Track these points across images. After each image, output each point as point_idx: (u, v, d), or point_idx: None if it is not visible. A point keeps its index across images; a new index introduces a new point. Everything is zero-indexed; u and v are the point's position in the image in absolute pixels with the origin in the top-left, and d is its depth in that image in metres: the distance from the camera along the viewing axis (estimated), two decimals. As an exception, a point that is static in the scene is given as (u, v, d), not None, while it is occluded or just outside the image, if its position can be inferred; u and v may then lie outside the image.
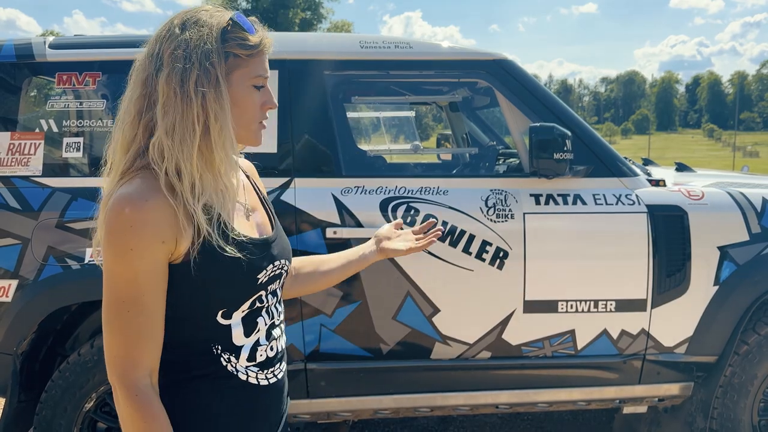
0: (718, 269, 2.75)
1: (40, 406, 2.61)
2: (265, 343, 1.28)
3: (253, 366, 1.26)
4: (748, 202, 2.82)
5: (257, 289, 1.24)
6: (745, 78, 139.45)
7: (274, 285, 1.31)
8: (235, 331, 1.22)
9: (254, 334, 1.26)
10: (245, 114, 1.24)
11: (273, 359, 1.31)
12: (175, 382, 1.21)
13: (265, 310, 1.29)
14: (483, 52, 2.89)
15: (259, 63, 1.25)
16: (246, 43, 1.21)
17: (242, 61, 1.22)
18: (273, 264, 1.28)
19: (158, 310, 1.15)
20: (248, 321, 1.25)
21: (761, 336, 2.80)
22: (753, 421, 2.85)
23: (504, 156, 3.68)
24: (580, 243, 2.72)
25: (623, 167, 2.84)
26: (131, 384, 1.13)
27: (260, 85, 1.26)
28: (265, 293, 1.28)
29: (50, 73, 2.74)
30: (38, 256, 2.57)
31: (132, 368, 1.13)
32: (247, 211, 1.31)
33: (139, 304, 1.13)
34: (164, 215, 1.12)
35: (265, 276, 1.26)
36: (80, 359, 2.60)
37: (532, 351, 2.76)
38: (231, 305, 1.21)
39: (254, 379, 1.26)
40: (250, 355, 1.25)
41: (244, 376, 1.25)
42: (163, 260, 1.14)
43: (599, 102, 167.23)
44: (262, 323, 1.28)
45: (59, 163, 2.67)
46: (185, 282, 1.16)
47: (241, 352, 1.24)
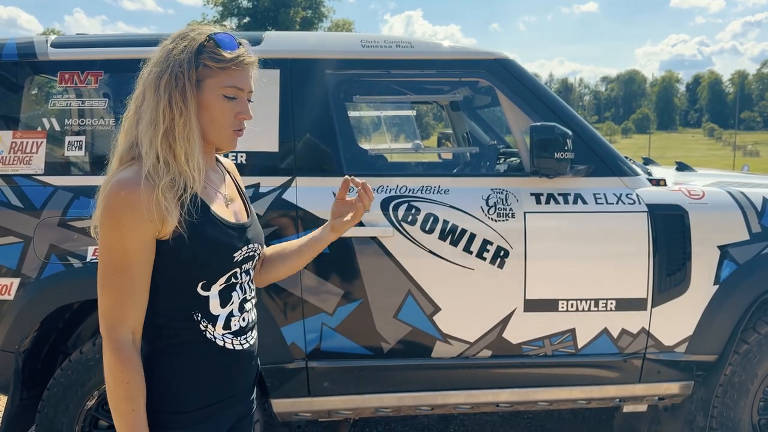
0: (719, 268, 2.76)
1: (42, 404, 2.62)
2: (237, 314, 1.49)
3: (228, 333, 1.47)
4: (748, 201, 2.83)
5: (233, 266, 1.46)
6: (745, 77, 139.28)
7: (248, 265, 1.53)
8: (213, 301, 1.44)
9: (229, 306, 1.47)
10: (215, 119, 1.42)
11: (245, 328, 1.52)
12: (162, 348, 1.42)
13: (239, 286, 1.50)
14: (484, 51, 2.90)
15: (232, 76, 1.41)
16: (216, 57, 1.39)
17: (213, 72, 1.39)
18: (248, 246, 1.50)
19: (143, 279, 1.35)
20: (224, 294, 1.46)
21: (761, 335, 2.81)
22: (753, 419, 2.86)
23: (505, 155, 3.68)
24: (580, 242, 2.73)
25: (624, 166, 2.85)
26: (115, 337, 1.34)
27: (231, 96, 1.42)
28: (240, 271, 1.49)
29: (52, 71, 2.74)
30: (40, 254, 2.58)
31: (117, 324, 1.34)
32: (227, 200, 1.52)
33: (127, 272, 1.33)
34: (153, 199, 1.32)
35: (240, 256, 1.47)
36: (82, 357, 2.61)
37: (533, 350, 2.77)
38: (210, 278, 1.42)
39: (230, 345, 1.48)
40: (225, 324, 1.46)
41: (221, 342, 1.46)
42: (150, 237, 1.34)
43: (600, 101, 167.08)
44: (236, 297, 1.49)
45: (61, 162, 2.68)
46: (171, 256, 1.36)
47: (217, 321, 1.45)
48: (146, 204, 1.31)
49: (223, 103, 1.42)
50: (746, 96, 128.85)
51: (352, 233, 2.61)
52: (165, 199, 1.32)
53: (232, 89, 1.42)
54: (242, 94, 1.44)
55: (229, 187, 1.58)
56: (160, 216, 1.32)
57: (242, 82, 1.43)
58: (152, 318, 1.40)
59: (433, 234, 2.65)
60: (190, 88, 1.37)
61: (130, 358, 1.34)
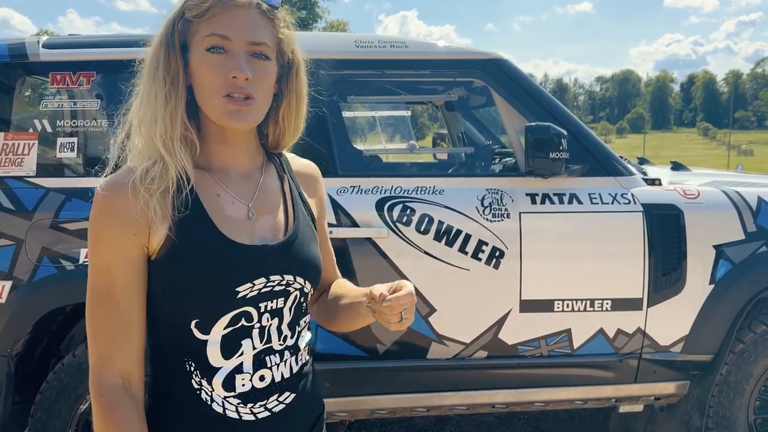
0: (714, 268, 2.76)
1: (35, 408, 2.60)
2: (249, 371, 1.10)
3: (233, 397, 1.09)
4: (743, 200, 2.83)
5: (236, 303, 1.07)
6: (739, 77, 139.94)
7: (273, 303, 1.12)
8: (211, 349, 1.08)
9: (235, 358, 1.09)
10: (202, 86, 1.09)
11: (264, 391, 1.12)
12: (156, 402, 1.13)
13: (258, 331, 1.11)
14: (478, 51, 2.89)
15: (214, 21, 1.06)
16: (192, 3, 1.07)
17: (194, 26, 1.08)
18: (268, 278, 1.10)
19: (132, 309, 1.07)
20: (229, 341, 1.09)
21: (757, 334, 2.81)
22: (749, 419, 2.86)
23: (500, 155, 3.68)
24: (576, 242, 2.72)
25: (619, 166, 2.84)
26: (98, 382, 1.06)
27: (215, 47, 1.07)
28: (256, 311, 1.10)
29: (44, 72, 2.72)
30: (32, 256, 2.56)
31: (102, 366, 1.06)
32: (250, 211, 1.15)
33: (112, 301, 1.05)
34: (135, 204, 1.04)
35: (250, 291, 1.08)
36: (75, 360, 2.59)
37: (529, 350, 2.76)
38: (202, 317, 1.07)
39: (233, 413, 1.10)
40: (226, 383, 1.09)
41: (219, 408, 1.09)
42: (136, 254, 1.06)
43: (594, 101, 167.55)
44: (248, 346, 1.10)
45: (53, 164, 2.66)
46: (158, 281, 1.07)
47: (214, 377, 1.08)
48: (126, 212, 1.04)
49: (207, 60, 1.07)
50: (740, 95, 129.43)
51: (347, 234, 2.60)
52: (145, 201, 1.04)
53: (213, 38, 1.06)
54: (231, 44, 1.07)
55: (268, 195, 1.19)
56: (146, 227, 1.05)
57: (228, 27, 1.06)
58: (150, 359, 1.13)
59: (428, 234, 2.64)
60: (170, 56, 1.08)
61: (115, 407, 1.05)
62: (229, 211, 1.13)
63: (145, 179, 1.05)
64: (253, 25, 1.08)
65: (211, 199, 1.12)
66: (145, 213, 1.04)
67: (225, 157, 1.16)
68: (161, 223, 1.05)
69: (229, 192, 1.14)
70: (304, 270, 1.16)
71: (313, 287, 1.20)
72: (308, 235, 1.21)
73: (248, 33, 1.07)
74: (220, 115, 1.08)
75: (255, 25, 1.09)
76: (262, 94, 1.11)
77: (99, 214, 1.05)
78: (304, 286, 1.16)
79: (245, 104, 1.08)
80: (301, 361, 1.20)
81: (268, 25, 1.11)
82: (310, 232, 1.21)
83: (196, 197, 1.09)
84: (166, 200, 1.07)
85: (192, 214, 1.07)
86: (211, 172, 1.15)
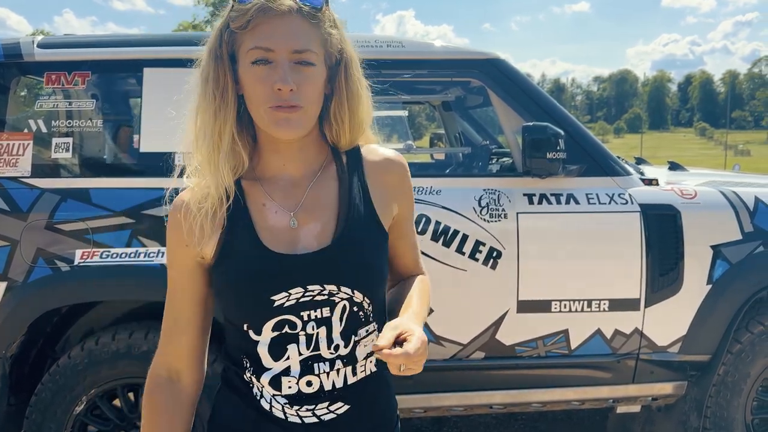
0: (711, 268, 2.75)
1: (30, 410, 2.58)
2: (295, 375, 1.11)
3: (280, 397, 1.12)
4: (740, 201, 2.82)
5: (274, 312, 1.08)
6: (736, 77, 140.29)
7: (317, 312, 1.09)
8: (262, 349, 1.11)
9: (283, 361, 1.11)
10: (250, 97, 1.09)
11: (312, 396, 1.11)
12: (218, 389, 1.21)
13: (305, 338, 1.10)
14: (476, 51, 2.89)
15: (256, 33, 1.06)
16: (236, 13, 1.07)
17: (239, 37, 1.08)
18: (305, 287, 1.09)
19: (184, 311, 1.16)
20: (276, 345, 1.10)
21: (754, 334, 2.80)
22: (746, 419, 2.85)
23: (497, 155, 3.68)
24: (573, 242, 2.72)
25: (616, 166, 2.84)
26: (150, 369, 1.18)
27: (257, 60, 1.06)
28: (299, 320, 1.09)
29: (39, 72, 2.71)
30: (27, 257, 2.54)
31: (156, 355, 1.19)
32: (292, 219, 1.13)
33: (171, 301, 1.17)
34: (186, 222, 1.12)
35: (288, 300, 1.08)
36: (70, 362, 2.57)
37: (526, 351, 2.75)
38: (250, 321, 1.11)
39: (279, 412, 1.12)
40: (273, 382, 1.11)
41: (267, 405, 1.12)
42: (191, 263, 1.14)
43: (592, 101, 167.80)
44: (294, 352, 1.10)
45: (48, 164, 2.64)
46: (213, 286, 1.16)
47: (263, 376, 1.12)
48: (177, 226, 1.13)
49: (253, 72, 1.07)
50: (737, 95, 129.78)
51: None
52: (195, 218, 1.11)
53: (256, 51, 1.05)
54: (274, 55, 1.05)
55: (317, 201, 1.16)
56: (194, 239, 1.11)
57: (270, 38, 1.05)
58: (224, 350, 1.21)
59: (425, 235, 2.63)
60: (219, 67, 1.09)
61: (152, 392, 1.17)
62: (272, 221, 1.13)
63: (198, 198, 1.12)
64: (295, 32, 1.06)
65: (258, 209, 1.13)
66: (197, 231, 1.11)
67: (277, 165, 1.16)
68: (212, 235, 1.11)
69: (274, 201, 1.14)
70: (348, 279, 1.11)
71: (368, 296, 1.14)
72: (361, 242, 1.14)
73: (291, 42, 1.06)
74: (269, 125, 1.08)
75: (298, 32, 1.07)
76: (310, 101, 1.09)
77: (167, 227, 1.17)
78: (353, 296, 1.11)
79: (292, 111, 1.07)
80: (362, 372, 1.15)
81: (312, 28, 1.09)
82: (364, 239, 1.15)
83: (245, 207, 1.13)
84: (215, 216, 1.11)
85: (239, 224, 1.12)
86: (262, 181, 1.16)
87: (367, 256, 1.14)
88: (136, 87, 2.85)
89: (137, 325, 2.62)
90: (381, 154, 1.24)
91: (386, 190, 1.21)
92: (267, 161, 1.16)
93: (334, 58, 1.15)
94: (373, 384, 1.18)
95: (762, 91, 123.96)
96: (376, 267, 1.16)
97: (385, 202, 1.20)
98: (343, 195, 1.16)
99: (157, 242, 2.55)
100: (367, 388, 1.16)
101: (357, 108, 1.19)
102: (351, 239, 1.12)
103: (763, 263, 2.79)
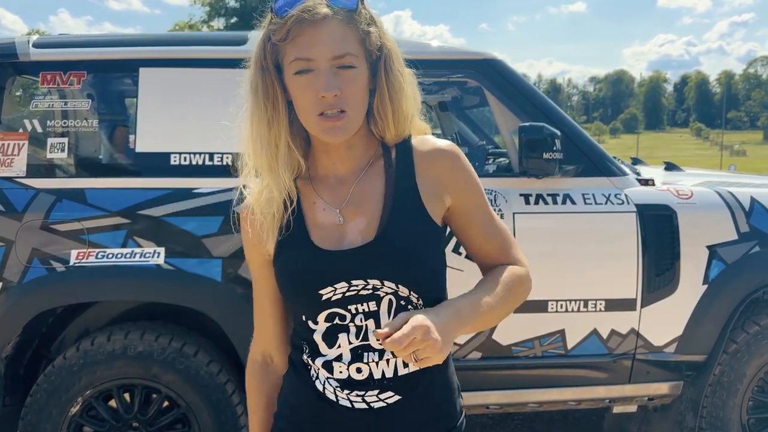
0: (707, 268, 2.76)
1: (25, 411, 2.57)
2: (346, 362, 1.15)
3: (333, 380, 1.17)
4: (736, 201, 2.83)
5: (323, 305, 1.14)
6: (732, 77, 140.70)
7: (364, 306, 1.13)
8: (317, 337, 1.18)
9: (335, 348, 1.16)
10: (298, 107, 1.13)
11: (362, 383, 1.15)
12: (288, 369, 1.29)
13: (356, 329, 1.14)
14: (472, 51, 2.88)
15: (295, 44, 1.09)
16: (274, 27, 1.10)
17: (281, 49, 1.11)
18: (349, 282, 1.12)
19: (263, 301, 1.27)
20: (329, 334, 1.16)
21: (750, 334, 2.81)
22: (742, 419, 2.86)
23: (493, 155, 3.68)
24: (569, 243, 2.72)
25: (612, 167, 2.84)
26: (250, 351, 1.33)
27: (300, 70, 1.09)
28: (348, 312, 1.14)
29: (34, 72, 2.70)
30: (22, 258, 2.53)
31: (252, 342, 1.32)
32: (339, 215, 1.17)
33: (255, 295, 1.29)
34: (253, 225, 1.21)
35: (335, 294, 1.13)
36: (66, 363, 2.56)
37: (523, 351, 2.75)
38: (306, 313, 1.19)
39: (332, 394, 1.17)
40: (326, 365, 1.17)
41: (320, 386, 1.18)
42: (261, 259, 1.23)
43: (588, 101, 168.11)
44: (345, 341, 1.15)
45: (44, 164, 2.64)
46: (276, 280, 1.23)
47: (317, 359, 1.18)
48: (246, 228, 1.22)
49: (297, 82, 1.10)
50: (733, 96, 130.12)
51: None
52: (259, 221, 1.19)
53: (298, 62, 1.09)
54: (315, 64, 1.08)
55: (364, 197, 1.18)
56: (259, 239, 1.21)
57: (310, 47, 1.08)
58: None
59: (422, 235, 2.63)
60: (266, 78, 1.13)
61: (251, 375, 1.32)
62: (321, 218, 1.18)
63: (262, 201, 1.18)
64: (333, 38, 1.08)
65: (309, 206, 1.19)
66: (259, 232, 1.20)
67: (327, 165, 1.21)
68: (271, 236, 1.19)
69: (323, 198, 1.19)
70: (392, 273, 1.12)
71: (415, 291, 1.15)
72: (406, 236, 1.14)
73: (329, 48, 1.08)
74: (318, 132, 1.13)
75: (336, 38, 1.09)
76: (355, 103, 1.12)
77: (240, 227, 1.26)
78: (397, 290, 1.13)
79: (338, 119, 1.10)
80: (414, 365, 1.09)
81: (350, 30, 1.11)
82: (410, 232, 1.14)
83: (299, 206, 1.19)
84: (276, 217, 1.18)
85: (294, 222, 1.18)
86: (314, 180, 1.21)
87: (411, 250, 1.14)
88: (132, 87, 2.84)
89: (133, 326, 2.62)
90: (431, 146, 1.22)
91: (436, 182, 1.20)
92: (318, 161, 1.22)
93: (374, 55, 1.16)
94: (428, 378, 1.18)
95: (757, 91, 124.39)
96: (422, 261, 1.16)
97: (435, 194, 1.19)
98: (389, 190, 1.17)
99: (152, 242, 2.54)
100: (421, 381, 1.17)
101: (400, 101, 1.19)
102: (394, 234, 1.14)
103: (759, 263, 2.79)
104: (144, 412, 2.61)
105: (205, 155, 2.64)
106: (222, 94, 2.57)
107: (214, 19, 42.12)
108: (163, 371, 2.56)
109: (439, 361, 1.01)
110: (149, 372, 2.56)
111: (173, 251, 2.55)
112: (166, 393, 2.59)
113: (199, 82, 2.68)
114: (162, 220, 2.55)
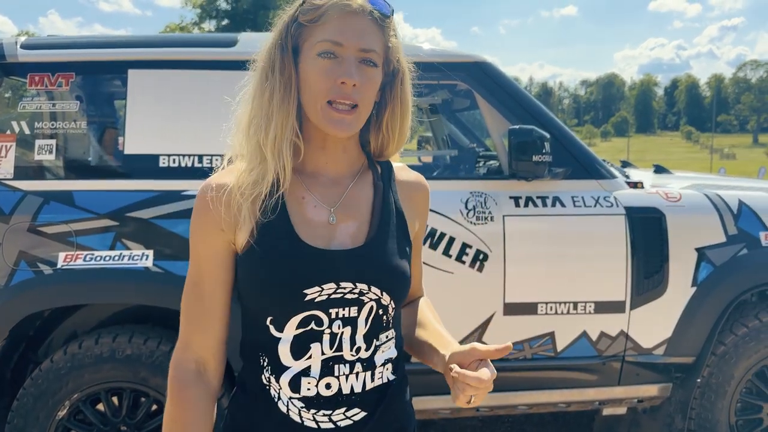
0: (696, 270, 2.77)
1: (12, 415, 2.55)
2: (315, 376, 1.10)
3: (297, 399, 1.11)
4: (724, 204, 2.85)
5: (305, 306, 1.08)
6: (722, 81, 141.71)
7: (345, 311, 1.10)
8: (282, 347, 1.10)
9: (304, 360, 1.10)
10: (309, 90, 1.10)
11: (329, 400, 1.11)
12: (233, 392, 1.21)
13: (329, 337, 1.10)
14: (463, 54, 2.89)
15: (328, 27, 1.08)
16: (308, 7, 1.10)
17: (308, 30, 1.11)
18: (337, 284, 1.09)
19: (214, 300, 1.15)
20: (299, 342, 1.10)
21: (738, 336, 2.83)
22: (730, 421, 2.87)
23: (484, 158, 3.68)
24: (559, 245, 2.73)
25: (601, 169, 2.85)
26: (175, 362, 1.16)
27: (325, 52, 1.08)
28: (327, 316, 1.09)
29: (22, 73, 2.68)
30: (9, 260, 2.51)
31: (180, 348, 1.16)
32: (331, 215, 1.15)
33: (197, 290, 1.15)
34: (228, 207, 1.11)
35: (320, 295, 1.09)
36: (53, 366, 2.54)
37: (512, 353, 2.75)
38: (277, 315, 1.10)
39: (296, 415, 1.11)
40: (293, 383, 1.10)
41: (284, 408, 1.11)
42: (223, 250, 1.13)
43: (579, 104, 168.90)
44: (317, 351, 1.10)
45: (31, 166, 2.61)
46: (241, 276, 1.14)
47: (282, 375, 1.11)
48: (214, 208, 1.10)
49: (318, 64, 1.09)
50: (723, 99, 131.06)
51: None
52: (237, 203, 1.10)
53: (326, 43, 1.08)
54: (343, 50, 1.08)
55: (355, 202, 1.18)
56: (231, 223, 1.11)
57: (341, 33, 1.08)
58: (240, 352, 1.19)
59: (412, 238, 2.63)
60: (284, 59, 1.11)
61: (185, 388, 1.14)
62: (311, 214, 1.15)
63: (243, 184, 1.11)
64: (365, 31, 1.10)
65: (296, 201, 1.14)
66: (235, 216, 1.11)
67: (320, 162, 1.18)
68: (248, 222, 1.11)
69: (313, 195, 1.16)
70: (379, 280, 1.13)
71: (393, 300, 1.16)
72: (393, 247, 1.17)
73: (360, 40, 1.09)
74: (323, 120, 1.10)
75: (367, 32, 1.10)
76: (367, 102, 1.13)
77: (196, 210, 1.14)
78: (381, 297, 1.13)
79: (350, 113, 1.10)
80: (380, 379, 1.16)
81: (379, 32, 1.13)
82: (395, 245, 1.17)
83: (283, 199, 1.13)
84: (256, 202, 1.11)
85: (275, 214, 1.11)
86: (302, 175, 1.17)
87: (397, 261, 1.17)
88: (121, 88, 2.83)
89: (121, 329, 2.60)
90: (412, 174, 1.30)
91: (413, 207, 1.26)
92: (311, 156, 1.18)
93: (391, 66, 1.18)
94: (391, 392, 1.18)
95: (747, 95, 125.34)
96: (405, 273, 1.18)
97: (411, 217, 1.25)
98: (377, 201, 1.20)
99: (141, 245, 2.53)
100: (384, 395, 1.17)
101: (406, 120, 1.22)
102: (384, 242, 1.16)
103: (747, 265, 2.81)
104: (132, 416, 2.59)
105: (195, 157, 2.63)
106: (211, 95, 2.57)
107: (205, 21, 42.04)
108: (152, 374, 2.54)
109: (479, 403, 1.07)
110: (137, 375, 2.54)
111: (162, 254, 2.53)
112: (154, 396, 2.57)
113: (188, 83, 2.67)
114: (151, 222, 2.54)
